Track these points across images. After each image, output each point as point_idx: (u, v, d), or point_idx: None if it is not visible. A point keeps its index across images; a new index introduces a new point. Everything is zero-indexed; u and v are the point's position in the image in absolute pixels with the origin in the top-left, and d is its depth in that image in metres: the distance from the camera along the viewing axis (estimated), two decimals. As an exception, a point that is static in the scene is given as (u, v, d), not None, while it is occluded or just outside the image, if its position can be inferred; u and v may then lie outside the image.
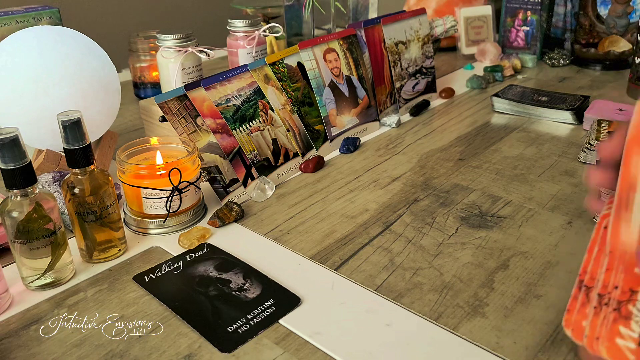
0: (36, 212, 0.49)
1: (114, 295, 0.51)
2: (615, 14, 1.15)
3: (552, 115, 0.89)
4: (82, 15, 1.83)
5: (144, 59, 1.03)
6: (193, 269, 0.54)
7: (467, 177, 0.71)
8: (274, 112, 0.73)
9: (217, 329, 0.46)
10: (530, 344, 0.44)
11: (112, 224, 0.55)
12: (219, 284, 0.52)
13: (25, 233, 0.49)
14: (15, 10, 0.77)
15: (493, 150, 0.80)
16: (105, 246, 0.56)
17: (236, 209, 0.63)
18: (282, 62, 0.76)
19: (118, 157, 0.60)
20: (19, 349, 0.45)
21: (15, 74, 0.62)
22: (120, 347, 0.45)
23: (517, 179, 0.71)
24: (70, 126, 0.50)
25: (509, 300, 0.49)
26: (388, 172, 0.74)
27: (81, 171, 0.52)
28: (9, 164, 0.46)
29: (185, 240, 0.58)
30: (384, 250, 0.57)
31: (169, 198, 0.59)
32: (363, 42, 0.87)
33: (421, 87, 0.98)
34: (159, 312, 0.49)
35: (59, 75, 0.63)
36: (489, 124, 0.90)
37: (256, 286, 0.51)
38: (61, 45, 0.65)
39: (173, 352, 0.44)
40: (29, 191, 0.48)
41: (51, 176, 0.62)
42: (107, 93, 0.68)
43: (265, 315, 0.48)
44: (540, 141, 0.82)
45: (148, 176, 0.59)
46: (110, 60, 0.70)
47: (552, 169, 0.73)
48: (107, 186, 0.54)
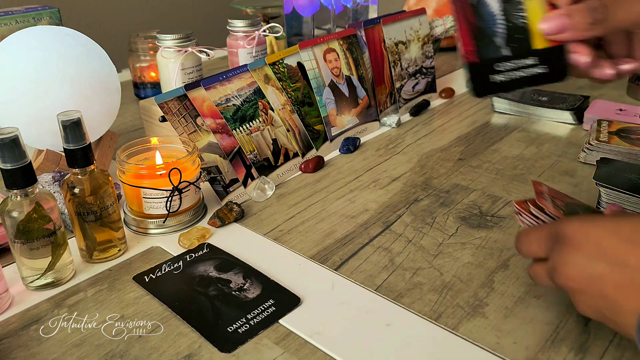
0: (36, 212, 0.49)
1: (114, 295, 0.51)
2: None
3: (552, 116, 0.89)
4: (82, 15, 1.83)
5: (144, 59, 1.03)
6: (193, 269, 0.54)
7: (467, 177, 0.71)
8: (274, 112, 0.73)
9: (217, 329, 0.46)
10: (530, 344, 0.44)
11: (112, 224, 0.55)
12: (219, 284, 0.52)
13: (25, 233, 0.49)
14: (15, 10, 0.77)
15: (493, 150, 0.80)
16: (105, 246, 0.56)
17: (236, 209, 0.63)
18: (282, 62, 0.76)
19: (118, 157, 0.60)
20: (19, 349, 0.45)
21: (15, 74, 0.62)
22: (120, 347, 0.45)
23: (517, 179, 0.71)
24: (70, 126, 0.50)
25: (509, 300, 0.49)
26: (388, 172, 0.74)
27: (81, 171, 0.52)
28: (9, 164, 0.46)
29: (185, 240, 0.58)
30: (384, 250, 0.57)
31: (169, 198, 0.59)
32: (363, 42, 0.87)
33: (421, 87, 0.98)
34: (159, 312, 0.49)
35: (59, 76, 0.63)
36: (489, 124, 0.90)
37: (256, 286, 0.51)
38: (61, 45, 0.65)
39: (173, 352, 0.44)
40: (29, 191, 0.48)
41: (51, 176, 0.62)
42: (107, 93, 0.68)
43: (265, 315, 0.48)
44: (540, 141, 0.82)
45: (148, 176, 0.59)
46: (110, 60, 0.70)
47: (552, 169, 0.73)
48: (107, 186, 0.54)
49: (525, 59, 0.44)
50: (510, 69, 0.44)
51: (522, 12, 0.43)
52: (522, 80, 0.44)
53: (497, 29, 0.43)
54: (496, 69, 0.44)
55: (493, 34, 0.43)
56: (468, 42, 0.43)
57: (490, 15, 0.43)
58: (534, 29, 0.43)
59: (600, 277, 0.37)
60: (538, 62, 0.44)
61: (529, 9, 0.43)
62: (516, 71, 0.44)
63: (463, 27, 0.43)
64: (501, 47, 0.43)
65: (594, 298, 0.37)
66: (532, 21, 0.43)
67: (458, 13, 0.43)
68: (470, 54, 0.44)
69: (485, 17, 0.43)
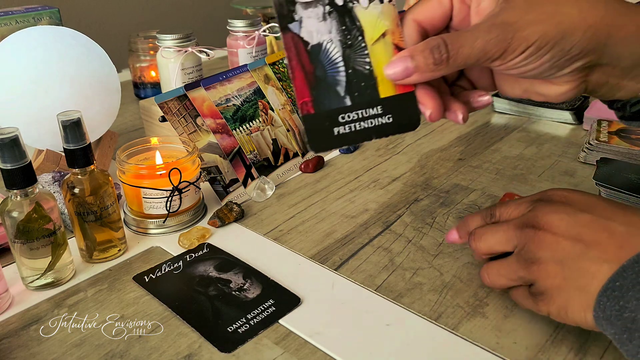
0: (36, 212, 0.49)
1: (114, 295, 0.51)
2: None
3: (552, 115, 0.89)
4: (82, 15, 1.83)
5: (144, 59, 1.03)
6: (193, 269, 0.54)
7: (467, 177, 0.71)
8: (274, 112, 0.73)
9: (217, 329, 0.46)
10: (530, 344, 0.44)
11: (112, 224, 0.55)
12: (219, 284, 0.52)
13: (25, 233, 0.49)
14: (15, 10, 0.77)
15: (493, 150, 0.80)
16: (105, 246, 0.56)
17: (236, 209, 0.63)
18: (282, 62, 0.76)
19: (118, 157, 0.60)
20: (19, 349, 0.45)
21: (15, 74, 0.62)
22: (120, 347, 0.45)
23: (517, 179, 0.71)
24: (70, 126, 0.50)
25: (509, 300, 0.49)
26: (388, 172, 0.74)
27: (81, 171, 0.52)
28: (9, 164, 0.46)
29: (185, 240, 0.58)
30: (384, 250, 0.57)
31: (169, 198, 0.59)
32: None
33: (421, 87, 0.98)
34: (159, 312, 0.49)
35: (59, 75, 0.63)
36: (489, 123, 0.90)
37: (256, 286, 0.51)
38: (61, 45, 0.65)
39: (173, 352, 0.44)
40: (29, 191, 0.48)
41: (51, 176, 0.62)
42: (107, 93, 0.68)
43: (265, 315, 0.48)
44: (540, 141, 0.82)
45: (148, 176, 0.59)
46: (110, 60, 0.70)
47: (552, 169, 0.73)
48: (107, 186, 0.54)
49: (370, 108, 0.39)
50: (353, 120, 0.39)
51: (366, 57, 0.39)
52: (367, 131, 0.39)
53: (338, 77, 0.39)
54: (338, 120, 0.39)
55: (334, 82, 0.39)
56: (304, 92, 0.38)
57: (330, 62, 0.38)
58: (380, 76, 0.39)
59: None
60: (384, 112, 0.39)
61: (374, 53, 0.39)
62: (361, 122, 0.39)
63: (298, 76, 0.38)
64: (343, 96, 0.39)
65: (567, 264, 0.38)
66: (377, 67, 0.39)
67: (292, 60, 0.38)
68: (307, 105, 0.38)
69: (324, 64, 0.38)
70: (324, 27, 0.38)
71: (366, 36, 0.39)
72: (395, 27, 0.39)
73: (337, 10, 0.38)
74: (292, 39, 0.38)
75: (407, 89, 0.39)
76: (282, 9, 0.38)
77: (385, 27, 0.39)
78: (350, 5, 0.38)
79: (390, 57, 0.39)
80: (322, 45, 0.38)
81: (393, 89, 0.39)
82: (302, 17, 0.38)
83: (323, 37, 0.38)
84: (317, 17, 0.38)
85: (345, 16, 0.38)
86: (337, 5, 0.38)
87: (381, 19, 0.39)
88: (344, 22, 0.38)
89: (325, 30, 0.38)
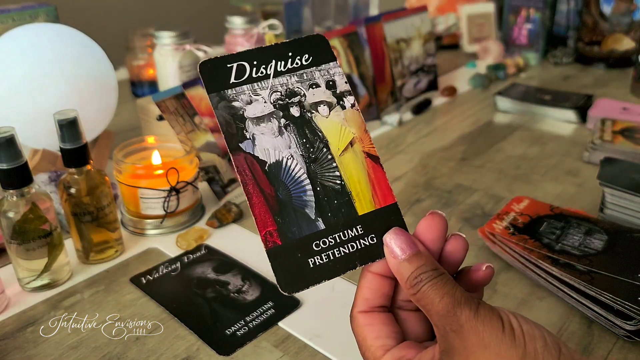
0: (32, 212, 0.48)
1: (111, 297, 0.50)
2: (618, 12, 1.14)
3: (556, 114, 0.88)
4: (79, 13, 1.82)
5: (142, 57, 1.02)
6: (191, 271, 0.53)
7: (470, 177, 0.71)
8: (274, 110, 0.72)
9: (216, 332, 0.46)
10: (534, 348, 0.43)
11: (109, 225, 0.54)
12: (217, 286, 0.51)
13: (21, 234, 0.48)
14: (12, 8, 0.77)
15: (496, 149, 0.79)
16: (102, 247, 0.55)
17: (234, 209, 0.62)
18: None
19: (115, 157, 0.59)
20: (15, 350, 0.45)
21: (11, 72, 0.62)
22: (117, 350, 0.44)
23: (520, 178, 0.70)
24: (66, 125, 0.49)
25: (512, 302, 0.48)
26: (389, 171, 0.73)
27: (77, 171, 0.51)
28: (4, 163, 0.46)
29: (183, 241, 0.57)
30: (385, 251, 0.56)
31: (166, 198, 0.58)
32: (364, 39, 0.86)
33: (423, 86, 0.97)
34: (157, 314, 0.48)
35: (55, 74, 0.62)
36: (492, 123, 0.89)
37: (255, 288, 0.51)
38: (57, 43, 0.64)
39: (171, 354, 0.44)
40: (25, 191, 0.48)
41: (47, 176, 0.62)
42: (104, 91, 0.68)
43: (264, 318, 0.47)
44: (544, 140, 0.81)
45: (145, 176, 0.58)
46: (107, 58, 0.69)
47: (556, 168, 0.72)
48: (103, 186, 0.53)
49: (348, 229, 0.33)
50: (330, 246, 0.32)
51: (334, 170, 0.33)
52: (349, 258, 0.32)
53: (305, 197, 0.33)
54: (312, 248, 0.32)
55: (301, 204, 0.33)
56: (267, 220, 0.32)
57: (293, 181, 0.33)
58: (354, 190, 0.34)
59: None
60: (366, 231, 0.33)
61: (343, 165, 0.34)
62: (340, 247, 0.33)
63: (257, 202, 0.32)
64: (314, 219, 0.33)
65: None
66: (350, 180, 0.34)
67: (248, 185, 0.32)
68: (272, 236, 0.32)
69: (287, 184, 0.33)
70: (281, 143, 0.33)
71: (332, 147, 0.34)
72: (363, 134, 0.35)
73: (295, 123, 0.34)
74: (245, 159, 0.32)
75: (388, 201, 0.34)
76: (229, 127, 0.32)
77: (352, 134, 0.34)
78: (308, 115, 0.34)
79: (362, 167, 0.34)
80: (282, 162, 0.33)
81: (371, 203, 0.34)
82: (254, 134, 0.33)
83: (282, 154, 0.33)
84: (272, 132, 0.33)
85: (305, 127, 0.34)
86: (293, 117, 0.34)
87: (346, 127, 0.34)
88: (304, 135, 0.34)
89: (284, 145, 0.33)
